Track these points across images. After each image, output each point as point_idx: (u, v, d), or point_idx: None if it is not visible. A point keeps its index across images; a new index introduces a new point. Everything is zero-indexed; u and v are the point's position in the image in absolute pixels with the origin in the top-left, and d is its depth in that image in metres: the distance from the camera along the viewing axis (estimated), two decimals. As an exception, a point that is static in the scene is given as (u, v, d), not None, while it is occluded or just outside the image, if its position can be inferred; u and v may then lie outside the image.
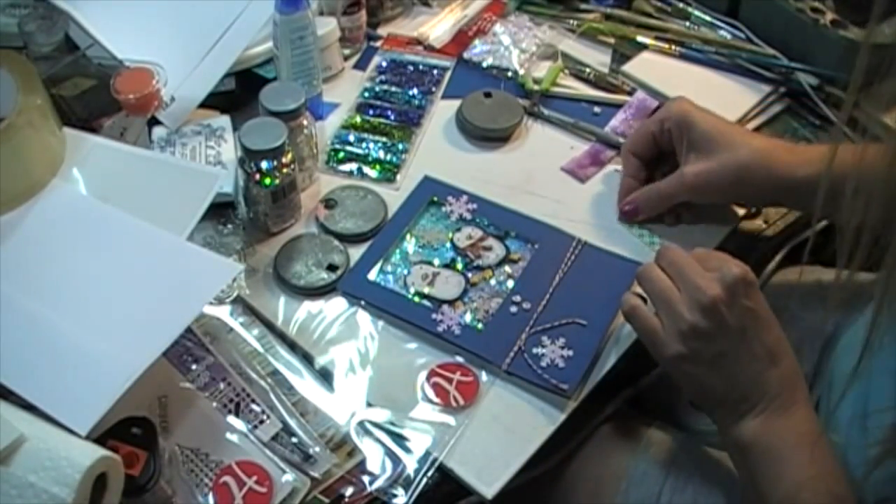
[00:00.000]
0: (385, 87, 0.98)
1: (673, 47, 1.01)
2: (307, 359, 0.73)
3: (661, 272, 0.69)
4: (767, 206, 0.87)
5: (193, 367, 0.72)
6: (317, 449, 0.67)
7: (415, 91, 0.97)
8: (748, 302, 0.64)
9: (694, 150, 0.79)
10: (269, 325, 0.76)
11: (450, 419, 0.70)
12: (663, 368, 0.69)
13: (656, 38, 1.02)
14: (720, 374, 0.65)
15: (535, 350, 0.73)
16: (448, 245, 0.82)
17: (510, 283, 0.79)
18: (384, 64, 1.01)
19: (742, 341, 0.64)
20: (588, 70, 1.00)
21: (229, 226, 0.83)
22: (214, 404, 0.69)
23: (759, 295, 0.66)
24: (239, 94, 0.91)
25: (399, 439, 0.69)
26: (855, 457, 0.65)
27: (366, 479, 0.66)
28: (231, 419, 0.69)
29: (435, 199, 0.85)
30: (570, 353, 0.73)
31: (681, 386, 0.69)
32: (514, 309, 0.77)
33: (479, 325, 0.76)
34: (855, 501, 0.61)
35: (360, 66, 1.01)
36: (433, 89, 0.98)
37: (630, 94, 0.97)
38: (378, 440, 0.69)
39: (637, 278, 0.71)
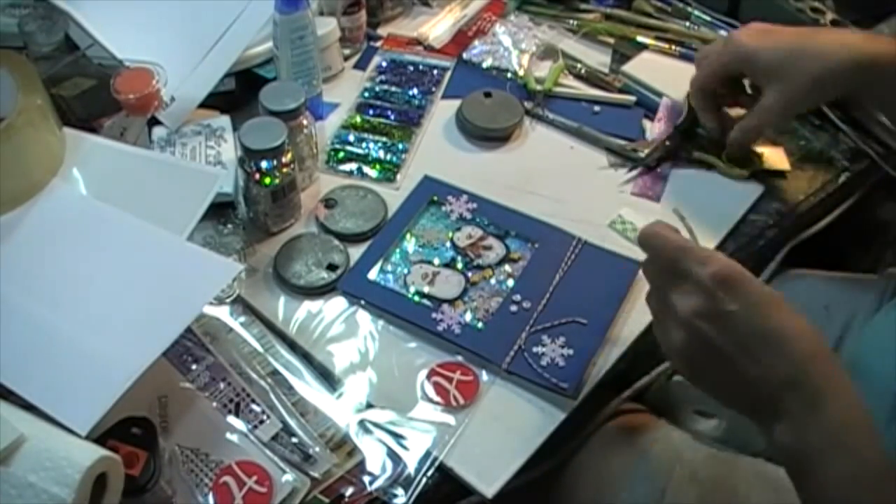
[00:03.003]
0: (385, 87, 0.98)
1: (673, 47, 1.02)
2: (307, 359, 0.73)
3: (650, 287, 0.65)
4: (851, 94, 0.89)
5: (193, 367, 0.72)
6: (317, 449, 0.67)
7: (415, 91, 0.97)
8: (728, 306, 0.58)
9: (766, 78, 0.82)
10: (269, 325, 0.76)
11: (450, 418, 0.70)
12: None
13: (656, 38, 1.03)
14: (726, 387, 0.61)
15: (535, 349, 0.73)
16: (448, 244, 0.82)
17: (510, 283, 0.79)
18: (384, 64, 1.01)
19: (736, 351, 0.58)
20: (580, 65, 1.00)
21: (229, 226, 0.83)
22: (214, 404, 0.69)
23: (742, 291, 0.58)
24: (239, 94, 0.91)
25: (399, 439, 0.69)
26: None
27: (366, 478, 0.66)
28: (231, 419, 0.68)
29: (435, 198, 0.85)
30: (571, 352, 0.73)
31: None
32: (514, 308, 0.76)
33: (480, 325, 0.76)
34: None
35: (360, 66, 1.01)
36: (433, 89, 0.98)
37: (623, 92, 0.97)
38: (378, 440, 0.68)
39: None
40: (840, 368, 0.58)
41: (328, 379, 0.72)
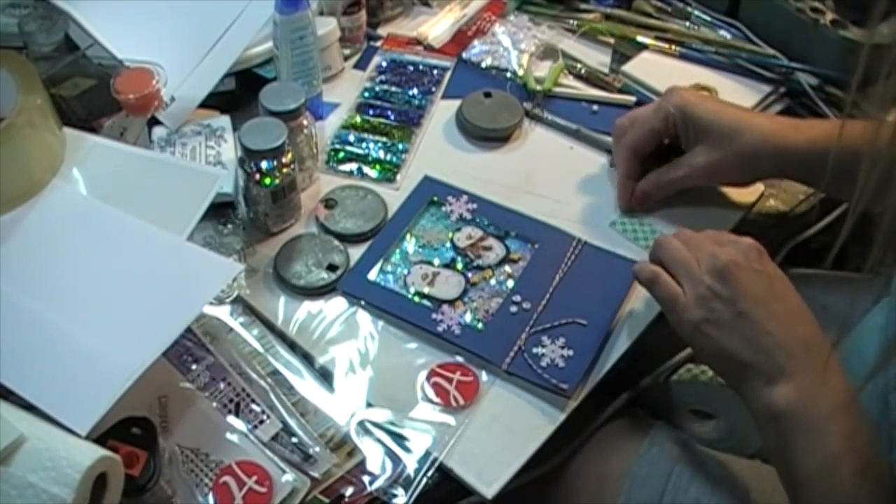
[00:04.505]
0: (385, 87, 0.98)
1: (673, 47, 1.01)
2: (307, 359, 0.73)
3: (679, 243, 0.70)
4: (777, 179, 0.89)
5: (193, 367, 0.72)
6: (317, 449, 0.67)
7: (415, 91, 0.97)
8: (762, 267, 0.66)
9: (701, 138, 0.80)
10: (269, 325, 0.76)
11: (450, 419, 0.70)
12: (684, 338, 0.68)
13: (656, 38, 1.02)
14: (742, 337, 0.64)
15: (535, 350, 0.73)
16: (448, 245, 0.82)
17: (510, 283, 0.79)
18: (384, 64, 1.01)
19: (760, 303, 0.65)
20: (580, 65, 1.00)
21: (229, 226, 0.83)
22: (214, 404, 0.69)
23: (772, 263, 0.67)
24: (239, 94, 0.91)
25: (399, 439, 0.69)
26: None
27: (366, 479, 0.66)
28: (231, 419, 0.69)
29: (435, 198, 0.85)
30: (570, 352, 0.73)
31: (703, 357, 0.69)
32: (514, 309, 0.77)
33: (479, 325, 0.76)
34: (889, 477, 0.59)
35: (360, 66, 1.01)
36: (433, 89, 0.98)
37: (624, 92, 0.97)
38: (378, 440, 0.69)
39: (654, 247, 0.72)
40: (835, 357, 0.64)
41: (328, 379, 0.72)
